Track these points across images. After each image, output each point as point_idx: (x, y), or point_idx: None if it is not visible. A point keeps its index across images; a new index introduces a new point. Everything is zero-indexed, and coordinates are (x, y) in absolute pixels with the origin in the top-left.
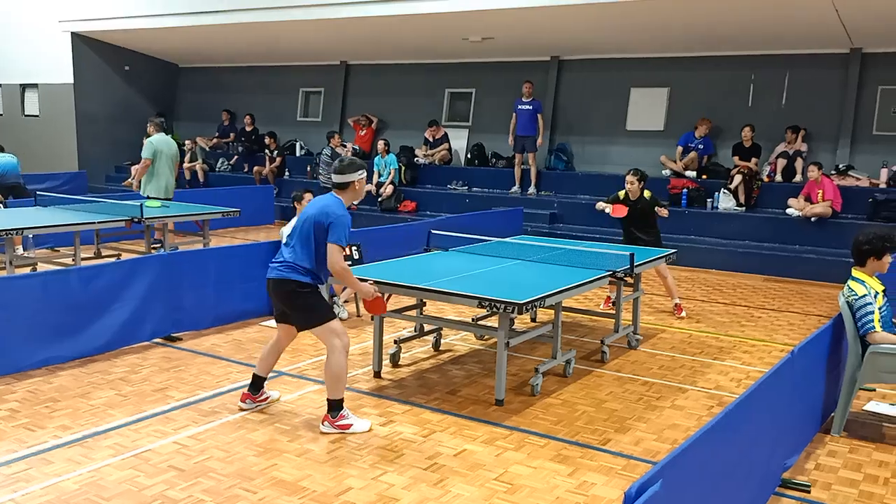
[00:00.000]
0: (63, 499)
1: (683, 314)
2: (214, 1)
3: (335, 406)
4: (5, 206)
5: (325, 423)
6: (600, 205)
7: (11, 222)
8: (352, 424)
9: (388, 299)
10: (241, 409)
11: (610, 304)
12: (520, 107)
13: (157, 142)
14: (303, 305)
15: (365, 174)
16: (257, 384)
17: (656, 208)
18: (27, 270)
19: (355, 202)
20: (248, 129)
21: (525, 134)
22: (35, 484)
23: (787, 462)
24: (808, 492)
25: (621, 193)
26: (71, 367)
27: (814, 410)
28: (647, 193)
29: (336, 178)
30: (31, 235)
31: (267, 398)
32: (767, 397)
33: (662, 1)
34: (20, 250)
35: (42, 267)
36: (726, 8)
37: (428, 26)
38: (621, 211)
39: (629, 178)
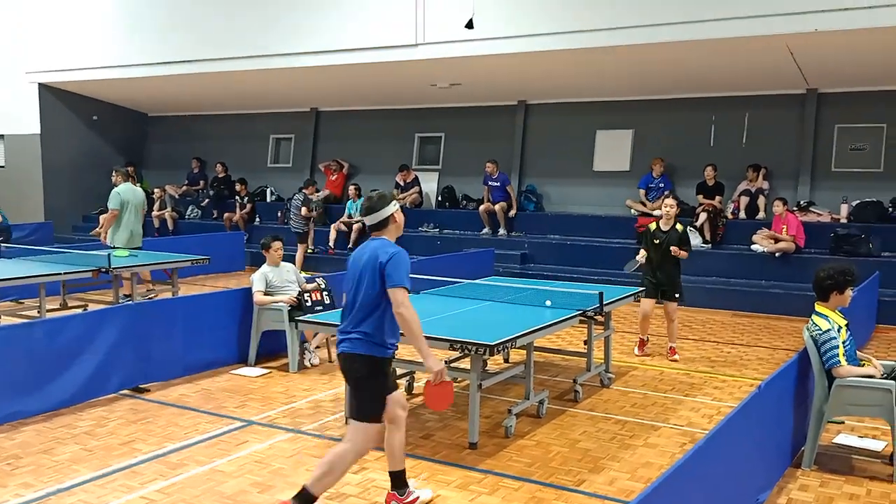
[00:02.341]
0: None
1: (676, 357)
2: (183, 51)
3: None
4: None
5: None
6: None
7: None
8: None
9: None
10: None
11: (644, 350)
12: (490, 182)
13: (124, 191)
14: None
15: (398, 206)
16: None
17: (673, 248)
18: None
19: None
20: (220, 175)
21: (498, 201)
22: None
23: (760, 497)
24: None
25: (652, 226)
26: (35, 422)
27: (784, 444)
28: (679, 226)
29: (370, 220)
30: None
31: (416, 498)
32: (737, 433)
33: (624, 48)
34: None
35: (6, 320)
36: (686, 53)
37: (396, 73)
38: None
39: (668, 201)
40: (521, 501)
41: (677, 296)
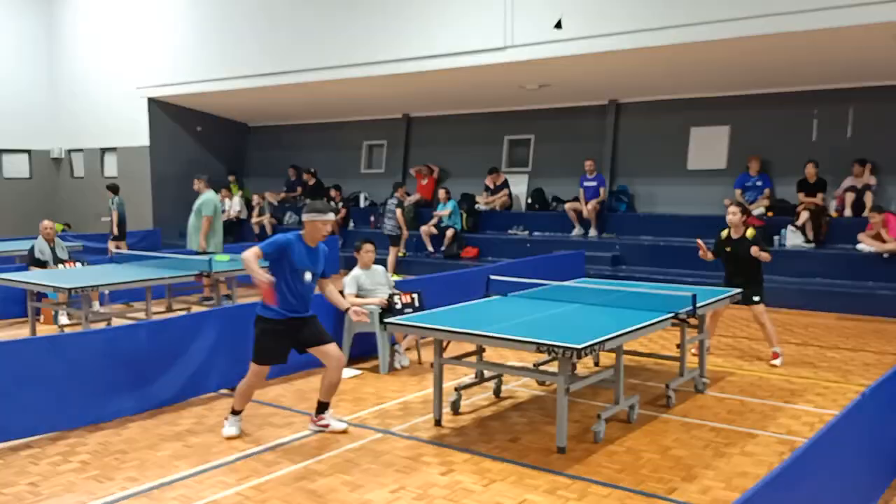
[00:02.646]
0: None
1: (776, 362)
2: (281, 63)
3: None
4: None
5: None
6: (701, 248)
7: (89, 279)
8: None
9: (446, 346)
10: (311, 430)
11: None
12: (585, 183)
13: (213, 198)
14: (254, 338)
15: (321, 217)
16: (322, 407)
17: (753, 249)
18: (102, 325)
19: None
20: (310, 183)
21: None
22: None
23: None
24: None
25: (724, 233)
26: (140, 419)
27: (890, 455)
28: (749, 232)
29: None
30: (106, 291)
31: (326, 424)
32: (839, 441)
33: (719, 42)
34: (97, 305)
35: (116, 321)
36: (785, 45)
37: (485, 77)
38: (706, 256)
39: (731, 208)
40: None
41: (756, 298)
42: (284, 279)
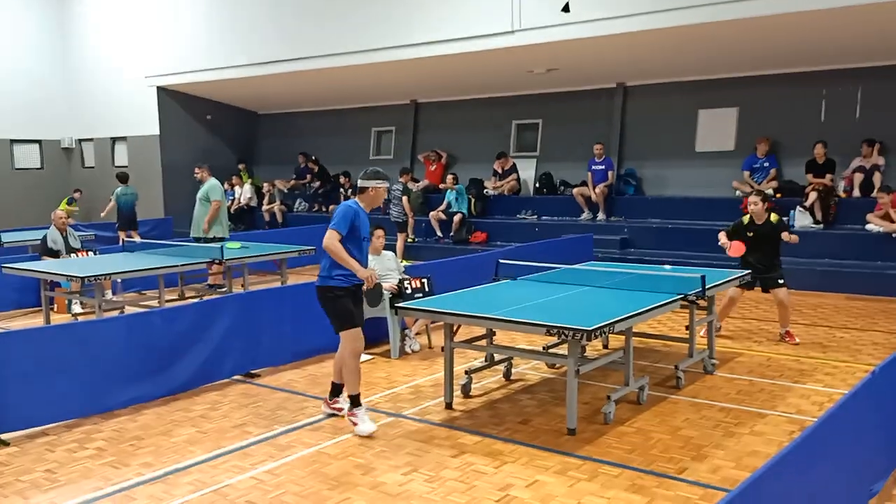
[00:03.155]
0: None
1: (797, 340)
2: (289, 50)
3: (352, 401)
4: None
5: (346, 414)
6: (722, 238)
7: (101, 268)
8: (357, 424)
9: (457, 330)
10: (324, 412)
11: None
12: (594, 167)
13: (218, 185)
14: (330, 311)
15: (384, 184)
16: (334, 390)
17: (784, 234)
18: (116, 313)
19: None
20: (314, 170)
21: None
22: None
23: (874, 487)
24: None
25: (745, 219)
26: (155, 406)
27: None
28: (773, 217)
29: (358, 183)
30: (119, 280)
31: (340, 408)
32: (849, 419)
33: (725, 23)
34: (110, 294)
35: (129, 310)
36: (794, 25)
37: (493, 61)
38: (738, 249)
39: (752, 198)
40: (620, 488)
41: (781, 281)
42: (350, 246)
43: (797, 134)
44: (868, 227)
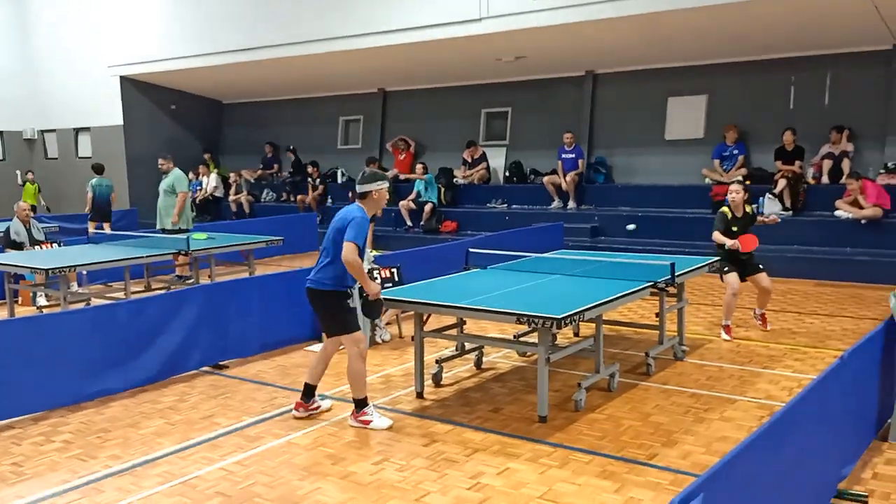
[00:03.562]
0: None
1: (769, 327)
2: (253, 38)
3: (359, 404)
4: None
5: (351, 418)
6: (721, 239)
7: (66, 260)
8: (371, 421)
9: (427, 319)
10: (295, 418)
11: (732, 334)
12: (564, 155)
13: (183, 175)
14: (336, 316)
15: (386, 185)
16: (309, 392)
17: (768, 217)
18: (81, 305)
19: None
20: (291, 160)
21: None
22: None
23: (843, 471)
24: (866, 502)
25: (726, 211)
26: (122, 398)
27: (868, 417)
28: (748, 209)
29: (358, 188)
30: (84, 272)
31: (318, 407)
32: (817, 404)
33: (695, 10)
34: (75, 286)
35: (95, 302)
36: (762, 13)
37: (461, 49)
38: (749, 242)
39: (734, 186)
40: (591, 474)
41: (761, 266)
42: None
43: (767, 121)
44: (837, 213)
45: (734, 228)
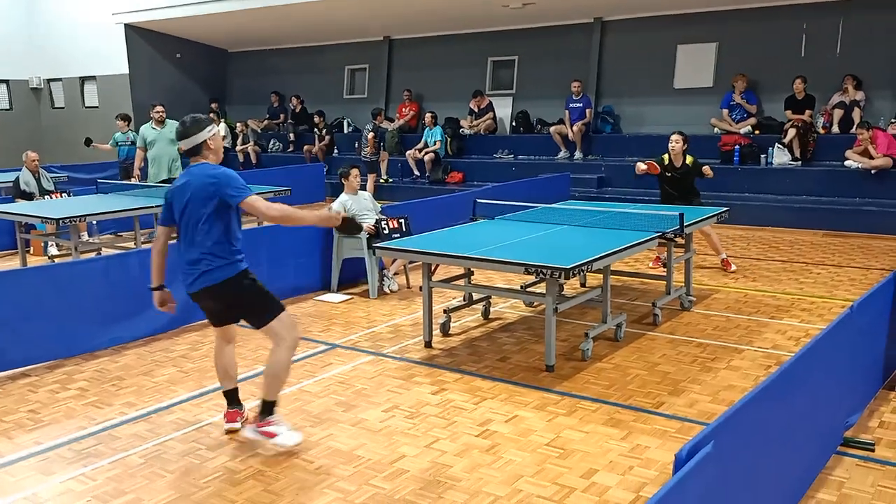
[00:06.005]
0: (130, 472)
1: (733, 268)
2: None
3: (267, 408)
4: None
5: (250, 426)
6: (639, 166)
7: (76, 209)
8: (278, 434)
9: (435, 269)
10: (229, 432)
11: (660, 265)
12: (571, 105)
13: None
14: (256, 299)
15: (216, 128)
16: (233, 398)
17: (703, 169)
18: (92, 255)
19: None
20: (296, 110)
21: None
22: (103, 459)
23: (850, 420)
24: (873, 450)
25: (665, 158)
26: (135, 347)
27: (876, 366)
28: (689, 159)
29: (184, 145)
30: (94, 222)
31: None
32: (826, 354)
33: None
34: (85, 236)
35: (106, 251)
36: None
37: None
38: (653, 168)
39: (674, 136)
40: (598, 422)
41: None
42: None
43: (777, 70)
44: (847, 163)
45: (668, 175)
